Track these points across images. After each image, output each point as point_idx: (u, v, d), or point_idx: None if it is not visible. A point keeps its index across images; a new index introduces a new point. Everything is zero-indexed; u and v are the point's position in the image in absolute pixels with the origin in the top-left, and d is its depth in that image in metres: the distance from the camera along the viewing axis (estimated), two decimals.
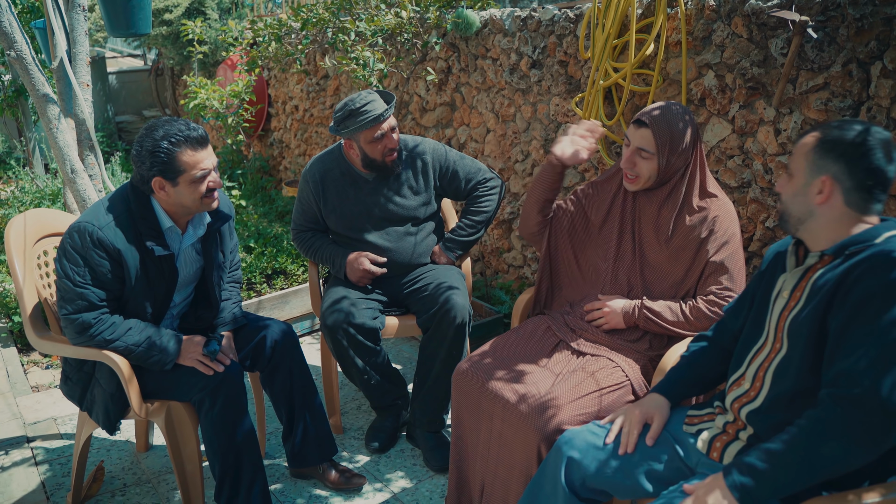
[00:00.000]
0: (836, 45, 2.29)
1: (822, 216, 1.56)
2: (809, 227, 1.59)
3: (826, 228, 1.57)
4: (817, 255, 1.59)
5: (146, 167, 2.10)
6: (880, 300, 1.42)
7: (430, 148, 2.78)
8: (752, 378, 1.68)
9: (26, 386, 3.32)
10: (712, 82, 2.66)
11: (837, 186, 1.53)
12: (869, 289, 1.44)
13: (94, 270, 2.11)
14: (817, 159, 1.55)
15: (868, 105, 2.26)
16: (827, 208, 1.55)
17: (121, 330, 2.16)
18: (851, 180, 1.52)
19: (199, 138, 2.12)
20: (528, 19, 3.40)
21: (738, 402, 1.70)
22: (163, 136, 2.07)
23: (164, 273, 2.23)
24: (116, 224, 2.13)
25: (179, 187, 2.13)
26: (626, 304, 2.18)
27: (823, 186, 1.54)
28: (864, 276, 1.46)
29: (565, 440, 1.82)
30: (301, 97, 5.45)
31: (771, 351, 1.65)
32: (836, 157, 1.52)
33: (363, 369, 2.65)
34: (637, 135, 2.12)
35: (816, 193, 1.55)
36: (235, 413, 2.23)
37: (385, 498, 2.53)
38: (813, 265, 1.61)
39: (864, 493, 1.44)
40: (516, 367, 2.14)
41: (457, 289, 2.63)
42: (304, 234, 2.87)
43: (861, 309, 1.44)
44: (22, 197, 5.23)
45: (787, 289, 1.65)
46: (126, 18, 3.94)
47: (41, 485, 2.62)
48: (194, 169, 2.12)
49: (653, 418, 1.79)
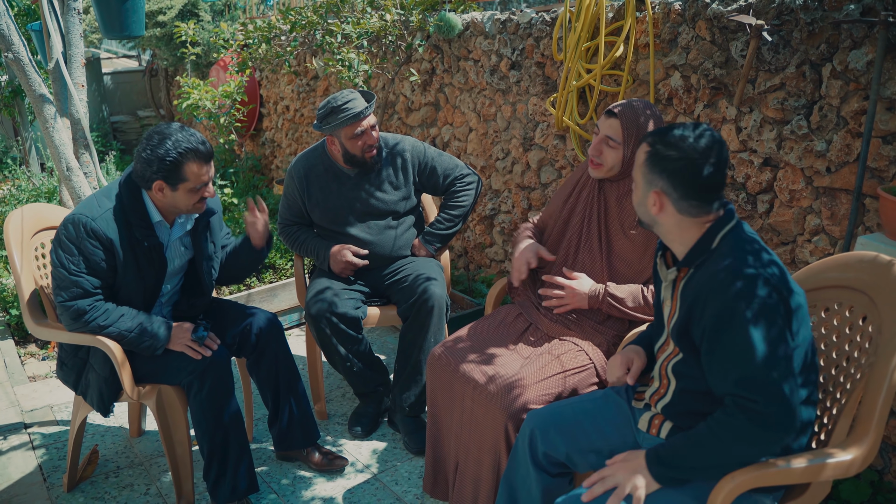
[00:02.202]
0: (791, 47, 2.42)
1: (664, 224, 1.68)
2: (661, 234, 1.71)
3: (671, 233, 1.68)
4: (674, 270, 1.71)
5: (153, 170, 2.21)
6: (727, 321, 1.51)
7: (409, 145, 2.91)
8: (659, 375, 1.81)
9: (23, 376, 3.44)
10: (678, 83, 2.80)
11: (667, 198, 1.63)
12: (714, 316, 1.53)
13: (87, 259, 2.23)
14: (648, 173, 1.65)
15: (820, 104, 2.39)
16: (664, 217, 1.66)
17: (114, 316, 2.27)
18: (677, 192, 1.62)
19: (207, 153, 2.26)
20: (507, 22, 3.53)
21: (653, 398, 1.82)
22: (174, 145, 2.19)
23: (153, 263, 2.35)
24: (109, 215, 2.25)
25: (178, 193, 2.26)
26: (592, 287, 2.29)
27: (657, 199, 1.65)
28: (707, 301, 1.55)
29: (530, 419, 1.94)
30: (292, 97, 5.57)
31: (672, 352, 1.77)
32: (661, 171, 1.62)
33: (346, 357, 2.77)
34: (606, 124, 2.25)
35: (652, 205, 1.66)
36: (222, 395, 2.35)
37: (366, 478, 2.66)
38: (677, 275, 1.73)
39: (793, 459, 1.56)
40: (487, 351, 2.27)
41: (435, 279, 2.75)
42: (289, 227, 3.00)
43: (717, 333, 1.53)
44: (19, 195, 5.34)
45: (668, 297, 1.76)
46: (120, 21, 4.06)
47: (38, 467, 2.74)
48: (196, 181, 2.25)
49: (633, 361, 1.91)
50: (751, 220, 2.66)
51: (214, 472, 2.38)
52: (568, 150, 3.37)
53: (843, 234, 2.39)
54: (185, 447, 2.44)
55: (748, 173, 2.62)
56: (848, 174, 2.35)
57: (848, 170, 2.35)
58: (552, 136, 3.43)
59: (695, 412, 1.68)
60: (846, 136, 2.33)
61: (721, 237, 1.63)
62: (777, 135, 2.52)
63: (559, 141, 3.40)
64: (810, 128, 2.42)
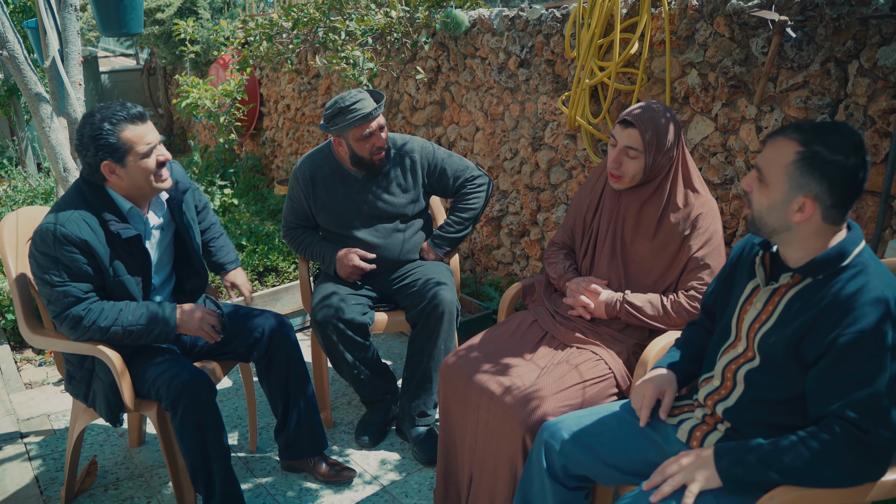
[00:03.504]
0: (815, 44, 2.34)
1: (799, 231, 1.52)
2: (784, 239, 1.56)
3: (801, 242, 1.54)
4: (788, 275, 1.58)
5: (91, 154, 2.10)
6: (872, 343, 1.43)
7: (418, 146, 2.82)
8: (721, 377, 1.72)
9: (19, 383, 3.35)
10: (695, 81, 2.71)
11: (818, 206, 1.48)
12: (857, 333, 1.43)
13: (68, 267, 2.11)
14: (798, 176, 1.47)
15: (846, 103, 2.30)
16: (804, 225, 1.51)
17: (112, 314, 2.16)
18: (832, 199, 1.47)
19: (137, 114, 2.13)
20: (515, 19, 3.44)
21: (710, 399, 1.74)
22: (101, 119, 2.09)
23: (136, 256, 2.23)
24: (77, 217, 2.12)
25: (129, 167, 2.13)
26: (609, 296, 2.22)
27: (804, 206, 1.49)
28: (847, 317, 1.45)
29: (546, 430, 1.86)
30: (293, 96, 5.48)
31: (742, 356, 1.68)
32: (820, 176, 1.46)
33: (353, 364, 2.69)
34: (624, 134, 2.15)
35: (796, 211, 1.50)
36: (196, 423, 2.20)
37: (374, 490, 2.58)
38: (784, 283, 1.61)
39: None
40: (502, 360, 2.18)
41: (445, 284, 2.67)
42: (294, 231, 2.91)
43: (853, 351, 1.44)
44: (15, 196, 5.25)
45: (761, 301, 1.64)
46: (118, 18, 3.98)
47: (35, 479, 2.65)
48: (139, 144, 2.12)
49: (664, 393, 1.81)
50: None
51: (204, 495, 2.29)
52: (579, 150, 3.28)
53: (869, 238, 2.31)
54: None
55: None
56: (875, 175, 2.27)
57: (875, 171, 2.27)
58: (562, 135, 3.35)
59: (761, 422, 1.60)
60: (873, 135, 2.25)
61: (857, 253, 1.51)
62: None
63: (570, 141, 3.32)
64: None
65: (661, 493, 1.56)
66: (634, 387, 1.87)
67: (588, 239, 2.36)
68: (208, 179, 5.45)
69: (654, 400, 1.80)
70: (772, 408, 1.60)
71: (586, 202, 2.38)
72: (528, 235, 3.68)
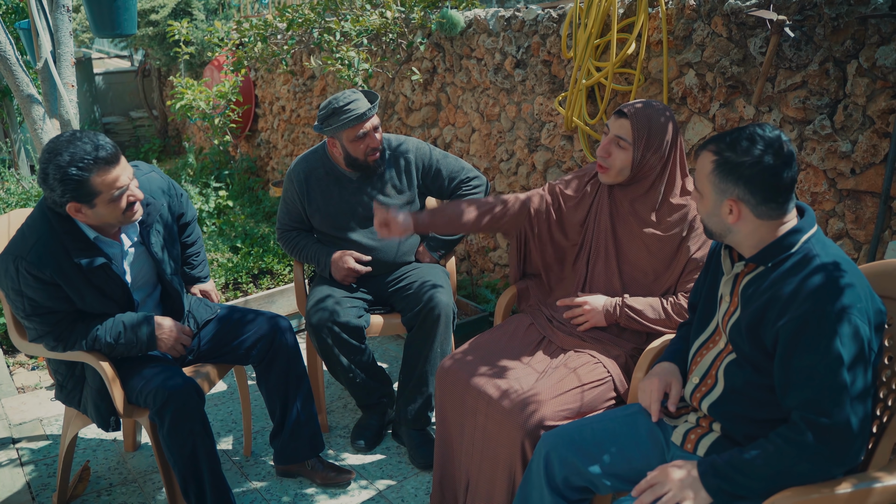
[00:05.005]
0: (813, 44, 2.32)
1: (740, 231, 1.60)
2: (732, 240, 1.63)
3: (747, 239, 1.61)
4: (742, 264, 1.66)
5: (57, 194, 1.97)
6: (815, 328, 1.45)
7: (413, 147, 2.80)
8: (704, 374, 1.72)
9: (12, 387, 3.32)
10: (693, 81, 2.69)
11: (745, 205, 1.56)
12: (799, 319, 1.47)
13: (33, 300, 2.04)
14: (719, 182, 1.58)
15: (845, 103, 2.29)
16: (741, 224, 1.59)
17: (90, 338, 2.13)
18: (756, 197, 1.55)
19: (108, 157, 1.97)
20: (511, 19, 3.42)
21: (695, 396, 1.74)
22: (69, 163, 1.93)
23: (111, 279, 2.15)
24: (41, 246, 2.02)
25: (97, 208, 2.02)
26: (607, 302, 2.19)
27: (732, 207, 1.57)
28: (791, 304, 1.49)
29: (546, 441, 1.83)
30: (288, 98, 5.45)
31: (724, 350, 1.70)
32: (735, 179, 1.55)
33: (348, 368, 2.66)
34: (616, 124, 2.13)
35: (728, 214, 1.59)
36: (184, 432, 2.16)
37: (370, 495, 2.55)
38: (741, 270, 1.67)
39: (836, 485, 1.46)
40: (499, 364, 2.16)
41: (441, 287, 2.64)
42: (289, 233, 2.88)
43: (798, 338, 1.47)
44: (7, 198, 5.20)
45: (727, 293, 1.70)
46: (111, 19, 3.94)
47: (27, 485, 2.62)
48: (111, 189, 2.00)
49: (671, 386, 1.81)
50: None
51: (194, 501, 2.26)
52: (576, 151, 3.26)
53: (868, 239, 2.30)
54: None
55: None
56: (874, 176, 2.25)
57: (874, 171, 2.25)
58: (559, 136, 3.33)
59: (745, 416, 1.61)
60: (872, 136, 2.23)
61: (805, 240, 1.56)
62: (798, 135, 2.42)
63: (566, 142, 3.30)
64: (834, 128, 2.32)
65: (641, 501, 1.57)
66: (639, 384, 1.86)
67: (581, 243, 2.33)
68: (203, 181, 5.42)
69: (662, 393, 1.80)
70: (753, 402, 1.61)
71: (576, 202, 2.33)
72: None
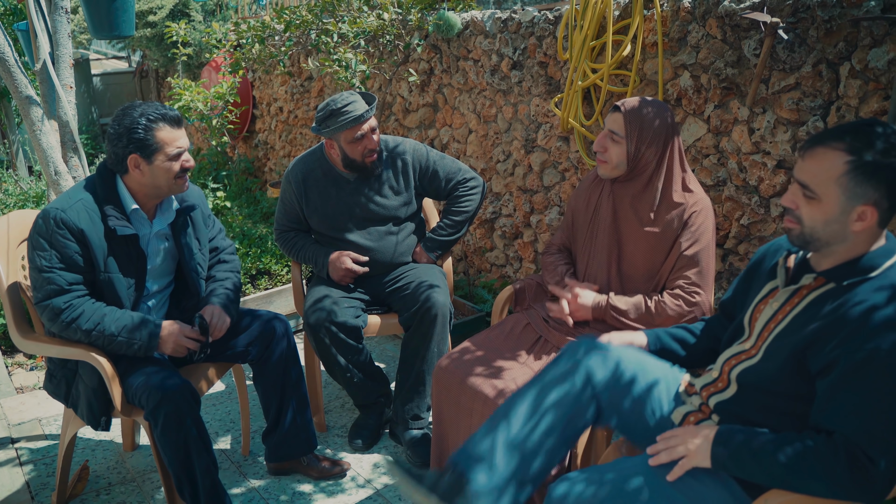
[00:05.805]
0: (807, 46, 2.35)
1: (852, 241, 1.47)
2: (835, 250, 1.50)
3: (849, 250, 1.49)
4: (811, 277, 1.54)
5: (122, 145, 2.14)
6: (886, 362, 1.37)
7: (410, 148, 2.82)
8: (720, 371, 1.72)
9: (10, 387, 3.33)
10: (688, 83, 2.71)
11: (876, 212, 1.43)
12: (870, 351, 1.38)
13: (60, 252, 2.12)
14: (854, 186, 1.41)
15: (838, 104, 2.31)
16: (861, 234, 1.46)
17: (95, 318, 2.15)
18: (889, 201, 1.42)
19: (175, 118, 2.18)
20: (508, 21, 3.44)
21: (706, 390, 1.74)
22: (141, 115, 2.13)
23: (131, 257, 2.23)
24: (80, 206, 2.15)
25: (155, 165, 2.17)
26: (595, 299, 2.22)
27: (864, 214, 1.43)
28: (860, 332, 1.40)
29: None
30: (285, 99, 5.47)
31: (745, 353, 1.66)
32: (877, 183, 1.40)
33: (346, 367, 2.68)
34: (611, 118, 2.19)
35: (855, 221, 1.44)
36: (178, 434, 2.17)
37: (368, 494, 2.56)
38: (806, 284, 1.57)
39: None
40: (495, 364, 2.18)
41: (438, 287, 2.66)
42: (286, 234, 2.90)
43: (865, 369, 1.38)
44: (6, 199, 5.22)
45: (779, 301, 1.61)
46: (109, 20, 3.95)
47: (26, 485, 2.63)
48: (170, 146, 2.16)
49: (632, 342, 1.91)
50: (764, 225, 2.58)
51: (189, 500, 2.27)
52: (572, 152, 3.28)
53: None
54: None
55: (761, 176, 2.54)
56: None
57: None
58: (555, 137, 3.34)
59: (744, 417, 1.60)
60: None
61: (889, 265, 1.46)
62: (792, 136, 2.44)
63: (562, 143, 3.32)
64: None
65: (658, 460, 1.57)
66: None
67: (584, 238, 2.36)
68: (200, 182, 5.43)
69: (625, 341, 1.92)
70: (757, 405, 1.60)
71: (583, 202, 2.38)
72: (521, 237, 3.68)
